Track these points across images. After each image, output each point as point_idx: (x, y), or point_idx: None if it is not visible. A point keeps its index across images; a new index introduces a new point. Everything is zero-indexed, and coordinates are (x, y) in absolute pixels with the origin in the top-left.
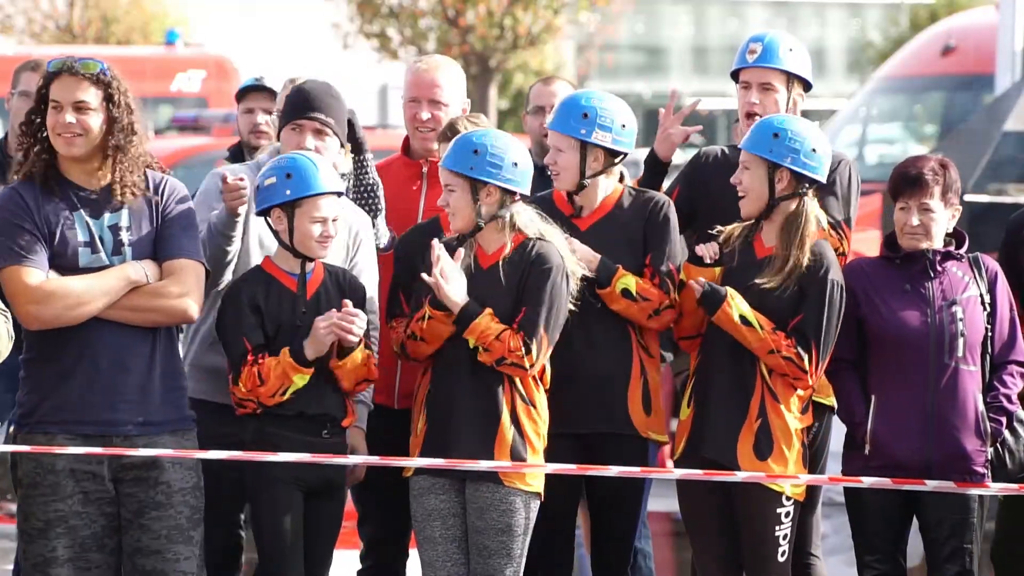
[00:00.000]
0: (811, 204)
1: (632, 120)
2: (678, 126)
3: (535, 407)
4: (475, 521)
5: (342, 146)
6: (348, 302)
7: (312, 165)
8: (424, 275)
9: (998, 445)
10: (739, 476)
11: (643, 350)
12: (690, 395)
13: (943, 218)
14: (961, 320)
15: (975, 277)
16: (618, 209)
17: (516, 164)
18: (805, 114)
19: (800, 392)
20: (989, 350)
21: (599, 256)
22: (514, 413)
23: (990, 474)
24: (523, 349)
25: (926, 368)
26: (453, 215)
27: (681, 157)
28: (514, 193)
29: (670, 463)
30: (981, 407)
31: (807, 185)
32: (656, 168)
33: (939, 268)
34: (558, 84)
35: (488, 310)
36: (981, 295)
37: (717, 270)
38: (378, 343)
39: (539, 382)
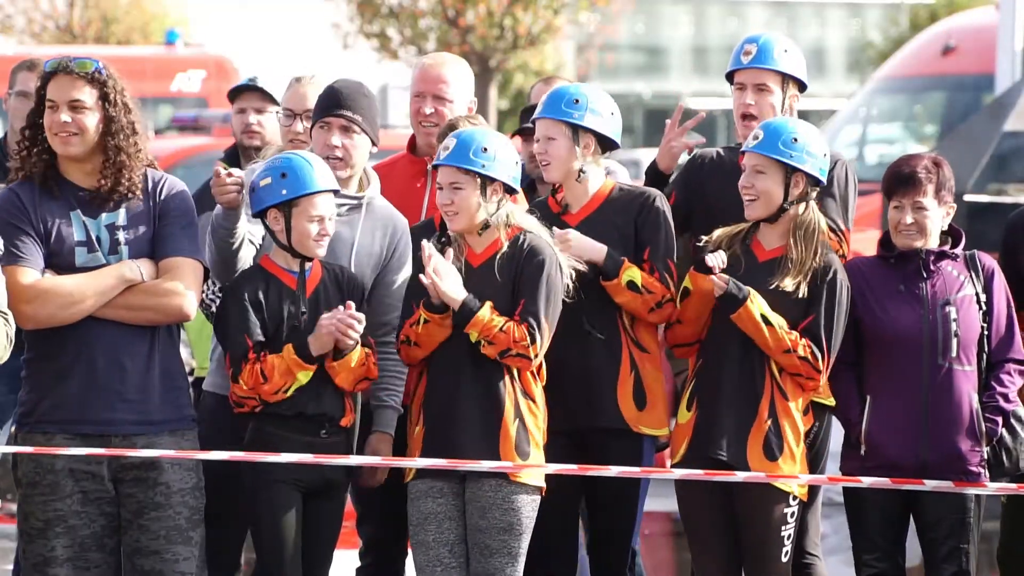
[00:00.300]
0: (815, 205)
1: (618, 111)
2: (681, 139)
3: (534, 401)
4: (477, 521)
5: (373, 144)
6: (352, 303)
7: (307, 164)
8: (421, 276)
9: (995, 444)
10: (739, 476)
11: (634, 344)
12: (691, 398)
13: (937, 216)
14: (955, 320)
15: (971, 276)
16: (608, 204)
17: (517, 163)
18: (805, 114)
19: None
20: (986, 349)
21: (606, 248)
22: (517, 408)
23: (987, 473)
24: (528, 339)
25: (920, 368)
26: (457, 213)
27: (681, 157)
28: (512, 192)
29: (669, 463)
30: (976, 407)
31: (815, 187)
32: (657, 180)
33: (933, 268)
34: (559, 84)
35: (488, 303)
36: (977, 294)
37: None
38: None
39: (536, 376)
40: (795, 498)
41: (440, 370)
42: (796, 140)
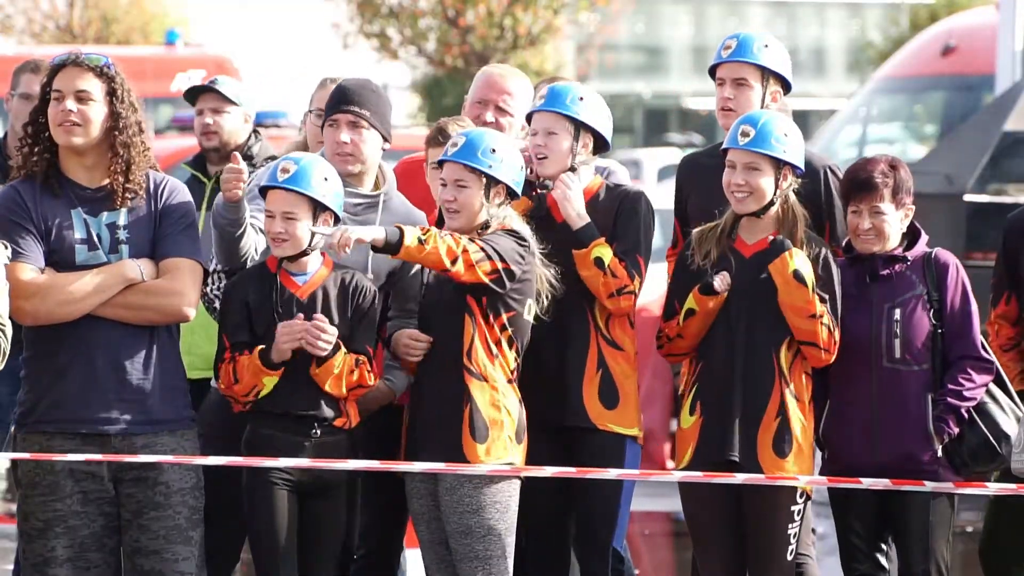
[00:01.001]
0: (793, 194)
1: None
2: None
3: (495, 387)
4: (444, 525)
5: (385, 139)
6: (320, 316)
7: (283, 161)
8: (329, 231)
9: (956, 441)
10: (738, 478)
11: (606, 341)
12: (693, 401)
13: (895, 219)
14: (897, 322)
15: (924, 276)
16: (594, 201)
17: (522, 168)
18: (805, 114)
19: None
20: (940, 347)
21: (588, 219)
22: (470, 396)
23: (943, 472)
24: (462, 246)
25: (868, 371)
26: (458, 212)
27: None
28: (513, 196)
29: (670, 463)
30: (927, 407)
31: (796, 178)
32: None
33: (882, 272)
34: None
35: (411, 228)
36: (928, 293)
37: (724, 296)
38: None
39: (504, 358)
40: (803, 494)
41: (418, 368)
42: (786, 135)
